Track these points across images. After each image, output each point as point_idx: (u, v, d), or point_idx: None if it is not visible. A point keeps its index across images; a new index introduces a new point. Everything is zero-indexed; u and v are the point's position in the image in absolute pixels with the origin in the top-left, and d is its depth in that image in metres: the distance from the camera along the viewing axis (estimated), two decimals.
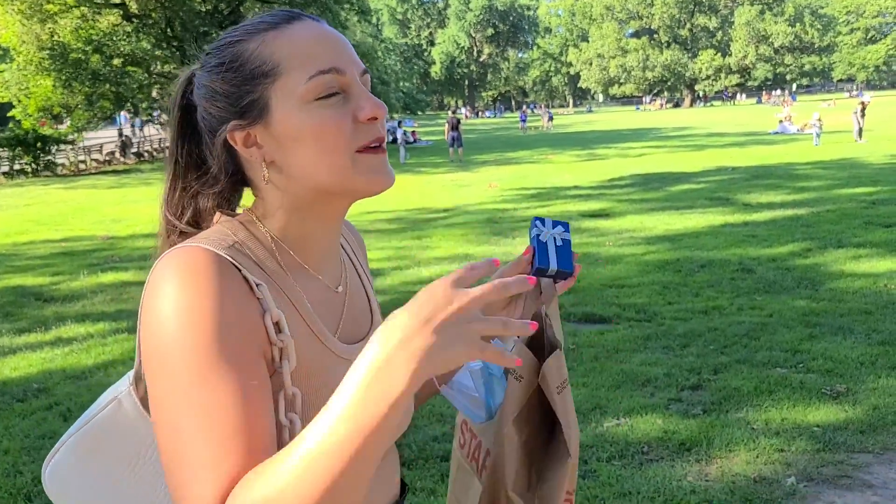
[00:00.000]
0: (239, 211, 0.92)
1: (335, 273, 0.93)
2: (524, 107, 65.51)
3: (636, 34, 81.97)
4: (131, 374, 0.89)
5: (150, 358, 0.74)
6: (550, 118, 47.60)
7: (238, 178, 0.88)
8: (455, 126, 21.88)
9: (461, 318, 0.62)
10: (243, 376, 0.73)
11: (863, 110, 20.43)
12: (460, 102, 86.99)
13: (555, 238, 1.00)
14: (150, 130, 35.52)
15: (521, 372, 1.01)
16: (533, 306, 1.04)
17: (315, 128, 0.80)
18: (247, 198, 0.93)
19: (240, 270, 0.77)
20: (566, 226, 1.02)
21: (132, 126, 38.59)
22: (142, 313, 0.76)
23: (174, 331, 0.72)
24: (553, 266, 0.99)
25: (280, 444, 0.76)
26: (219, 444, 0.70)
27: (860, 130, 20.37)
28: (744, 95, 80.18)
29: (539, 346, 1.03)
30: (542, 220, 1.02)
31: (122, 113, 29.41)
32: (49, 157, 23.77)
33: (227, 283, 0.75)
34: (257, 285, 0.78)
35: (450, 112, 24.75)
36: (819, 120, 21.09)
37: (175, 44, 24.34)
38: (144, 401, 0.85)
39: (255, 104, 0.81)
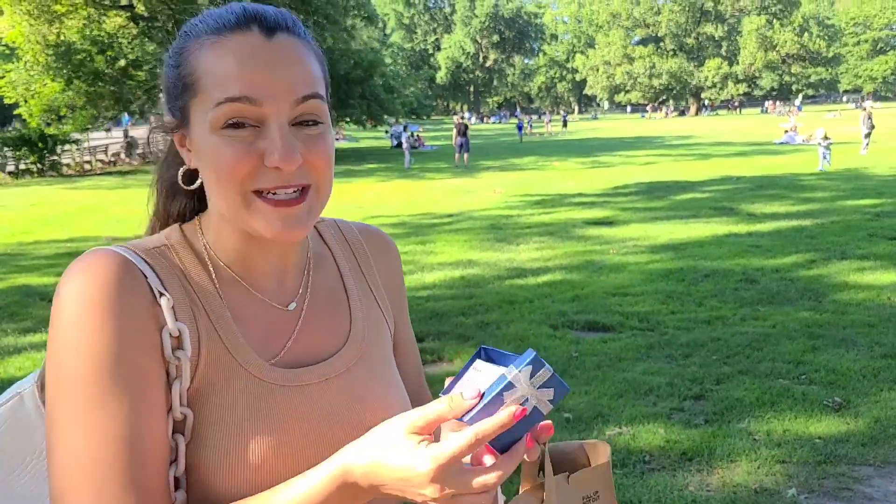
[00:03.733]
0: None
1: (287, 289, 0.85)
2: (522, 114, 62.77)
3: (642, 42, 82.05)
4: (39, 372, 0.86)
5: (49, 368, 0.72)
6: (565, 123, 47.90)
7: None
8: (463, 132, 21.96)
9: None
10: (134, 397, 0.71)
11: (870, 116, 20.41)
12: (465, 108, 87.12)
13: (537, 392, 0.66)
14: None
15: None
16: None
17: (213, 157, 0.75)
18: None
19: (147, 279, 0.74)
20: (533, 362, 0.66)
21: None
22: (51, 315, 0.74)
23: (69, 344, 0.70)
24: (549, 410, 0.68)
25: (163, 465, 0.74)
26: (102, 475, 0.69)
27: (867, 135, 20.30)
28: (740, 109, 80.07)
29: None
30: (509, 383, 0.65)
31: (126, 115, 29.46)
32: (54, 158, 23.88)
33: (127, 293, 0.72)
34: (160, 295, 0.74)
35: (458, 117, 24.84)
36: (825, 138, 16.80)
37: None
38: None
39: (182, 111, 0.78)
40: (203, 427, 0.75)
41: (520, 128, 38.26)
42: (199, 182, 0.80)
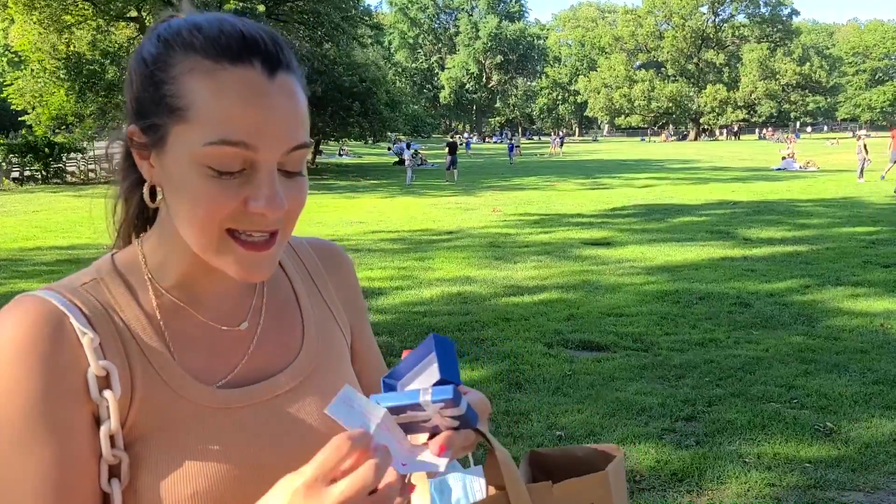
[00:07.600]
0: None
1: (239, 308, 0.83)
2: (511, 134, 60.35)
3: (644, 66, 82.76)
4: None
5: None
6: (561, 144, 48.09)
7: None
8: (453, 149, 22.62)
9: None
10: (59, 444, 0.69)
11: (865, 145, 20.75)
12: (468, 127, 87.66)
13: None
14: None
15: None
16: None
17: (193, 193, 0.70)
18: None
19: (69, 319, 0.72)
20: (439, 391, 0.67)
21: None
22: None
23: None
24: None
25: None
26: None
27: (863, 168, 20.59)
28: (738, 135, 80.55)
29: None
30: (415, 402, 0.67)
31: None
32: (59, 165, 24.01)
33: (47, 341, 0.70)
34: (83, 334, 0.72)
35: (449, 136, 25.74)
36: None
37: None
38: None
39: (156, 129, 0.71)
40: (144, 468, 0.72)
41: (511, 149, 37.47)
42: (159, 200, 0.77)
